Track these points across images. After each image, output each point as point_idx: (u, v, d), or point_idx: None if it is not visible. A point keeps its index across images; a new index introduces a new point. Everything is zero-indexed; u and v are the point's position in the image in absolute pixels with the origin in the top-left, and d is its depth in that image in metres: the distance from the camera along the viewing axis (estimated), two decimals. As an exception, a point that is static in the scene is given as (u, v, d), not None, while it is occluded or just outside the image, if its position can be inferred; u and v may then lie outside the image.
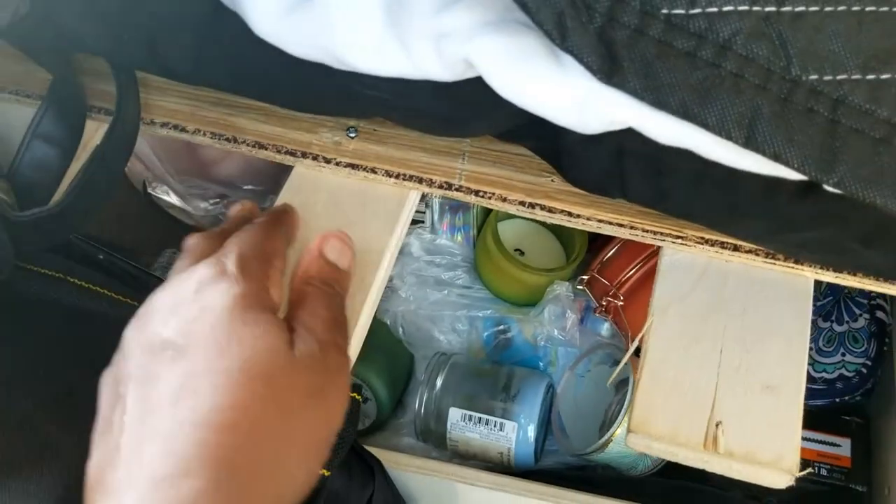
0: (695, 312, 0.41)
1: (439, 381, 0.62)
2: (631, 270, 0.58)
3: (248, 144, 0.46)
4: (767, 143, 0.29)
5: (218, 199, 0.74)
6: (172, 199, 0.75)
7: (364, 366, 0.61)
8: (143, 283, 0.44)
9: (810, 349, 0.62)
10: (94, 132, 0.45)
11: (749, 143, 0.29)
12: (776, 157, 0.29)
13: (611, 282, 0.59)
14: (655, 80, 0.28)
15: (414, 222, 0.66)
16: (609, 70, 0.28)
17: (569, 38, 0.28)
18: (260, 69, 0.39)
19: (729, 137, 0.29)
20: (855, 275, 0.39)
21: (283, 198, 0.46)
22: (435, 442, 0.63)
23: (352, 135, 0.46)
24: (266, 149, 0.46)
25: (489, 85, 0.32)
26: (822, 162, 0.29)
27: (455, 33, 0.31)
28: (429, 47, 0.32)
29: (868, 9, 0.30)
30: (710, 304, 0.41)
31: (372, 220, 0.44)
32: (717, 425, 0.37)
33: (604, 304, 0.59)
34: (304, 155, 0.46)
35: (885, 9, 0.30)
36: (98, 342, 0.33)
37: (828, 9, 0.30)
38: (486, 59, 0.31)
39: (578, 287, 0.61)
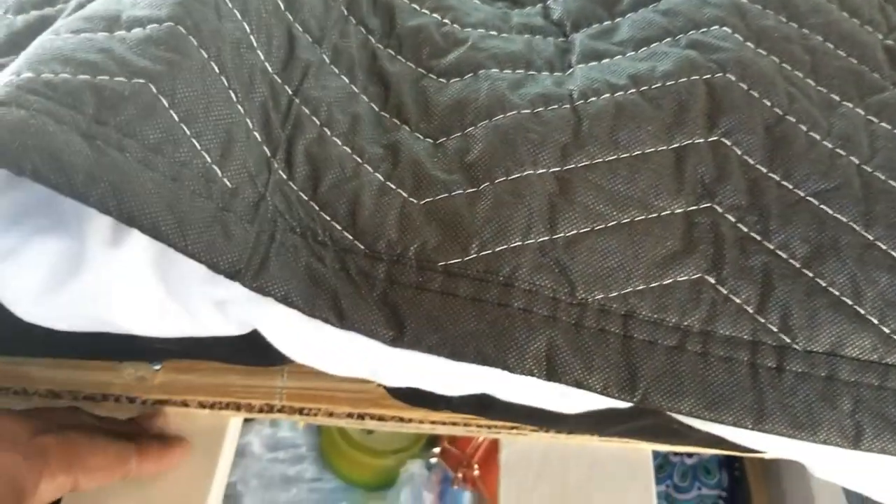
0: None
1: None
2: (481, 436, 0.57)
3: (40, 395, 0.42)
4: (568, 373, 0.28)
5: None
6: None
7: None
8: None
9: (668, 486, 0.62)
10: None
11: (551, 376, 0.28)
12: (579, 385, 0.28)
13: (463, 450, 0.57)
14: (445, 333, 0.28)
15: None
16: (396, 336, 0.27)
17: (346, 318, 0.27)
18: (31, 335, 0.35)
19: (531, 374, 0.28)
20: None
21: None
22: None
23: (156, 367, 0.42)
24: (61, 397, 0.42)
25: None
26: (623, 382, 0.28)
27: (236, 300, 0.29)
28: (213, 311, 0.30)
29: (637, 219, 0.31)
30: (556, 494, 0.40)
31: (190, 458, 0.40)
32: None
33: (460, 475, 0.57)
34: (104, 398, 0.41)
35: (654, 215, 0.31)
36: None
37: (598, 227, 0.30)
38: (272, 328, 0.29)
39: (432, 461, 0.59)
